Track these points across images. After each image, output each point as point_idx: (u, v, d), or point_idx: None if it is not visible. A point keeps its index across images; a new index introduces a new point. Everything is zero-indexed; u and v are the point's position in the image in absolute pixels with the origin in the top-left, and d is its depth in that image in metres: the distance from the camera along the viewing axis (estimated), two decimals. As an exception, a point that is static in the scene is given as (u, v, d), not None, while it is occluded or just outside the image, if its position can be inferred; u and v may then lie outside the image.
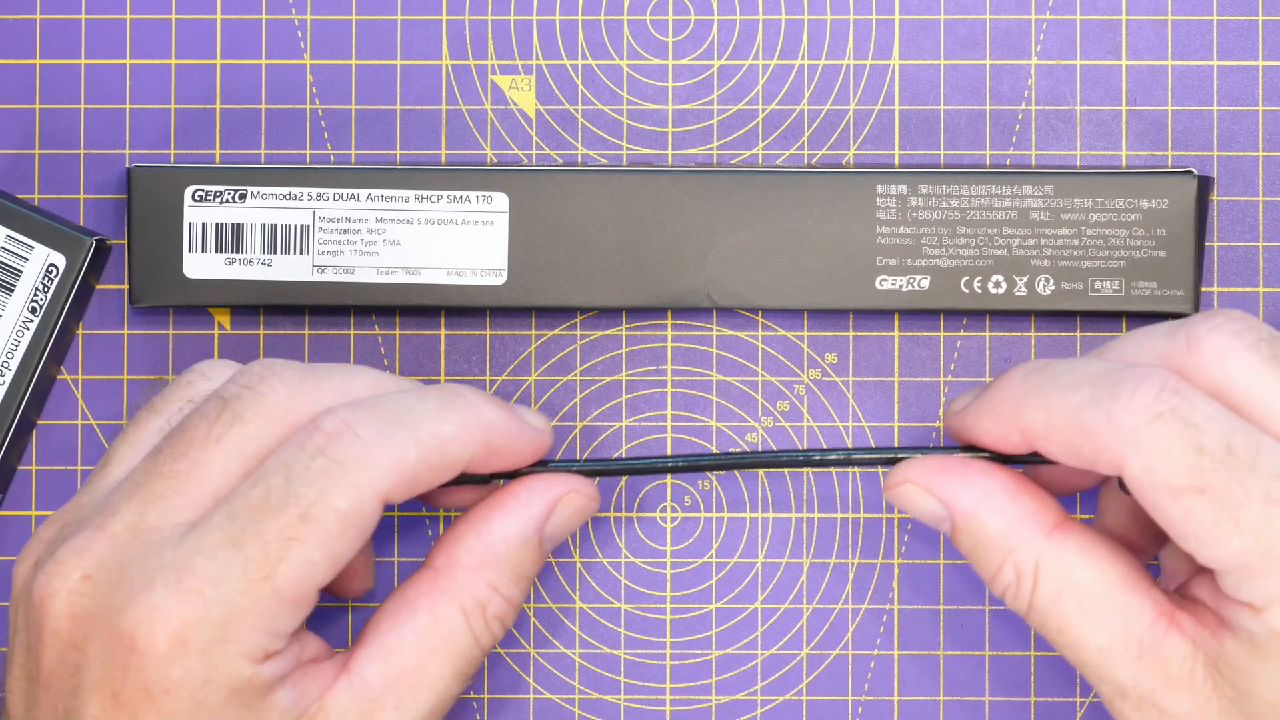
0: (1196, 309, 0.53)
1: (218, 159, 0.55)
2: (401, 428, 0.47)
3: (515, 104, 0.55)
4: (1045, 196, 0.53)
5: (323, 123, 0.55)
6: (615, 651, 0.55)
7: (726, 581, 0.55)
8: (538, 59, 0.55)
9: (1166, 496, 0.45)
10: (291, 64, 0.55)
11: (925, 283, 0.53)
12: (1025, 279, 0.53)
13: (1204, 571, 0.48)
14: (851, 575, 0.55)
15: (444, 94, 0.55)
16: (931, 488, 0.49)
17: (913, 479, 0.49)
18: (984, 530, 0.48)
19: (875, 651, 0.55)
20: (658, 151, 0.55)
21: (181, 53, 0.55)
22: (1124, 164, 0.55)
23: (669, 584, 0.55)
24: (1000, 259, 0.53)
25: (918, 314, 0.55)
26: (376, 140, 0.55)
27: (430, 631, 0.48)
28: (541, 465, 0.50)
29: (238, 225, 0.53)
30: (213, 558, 0.46)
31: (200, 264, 0.54)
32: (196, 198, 0.53)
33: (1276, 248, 0.55)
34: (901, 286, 0.53)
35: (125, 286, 0.55)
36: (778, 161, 0.55)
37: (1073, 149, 0.55)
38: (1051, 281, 0.53)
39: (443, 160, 0.55)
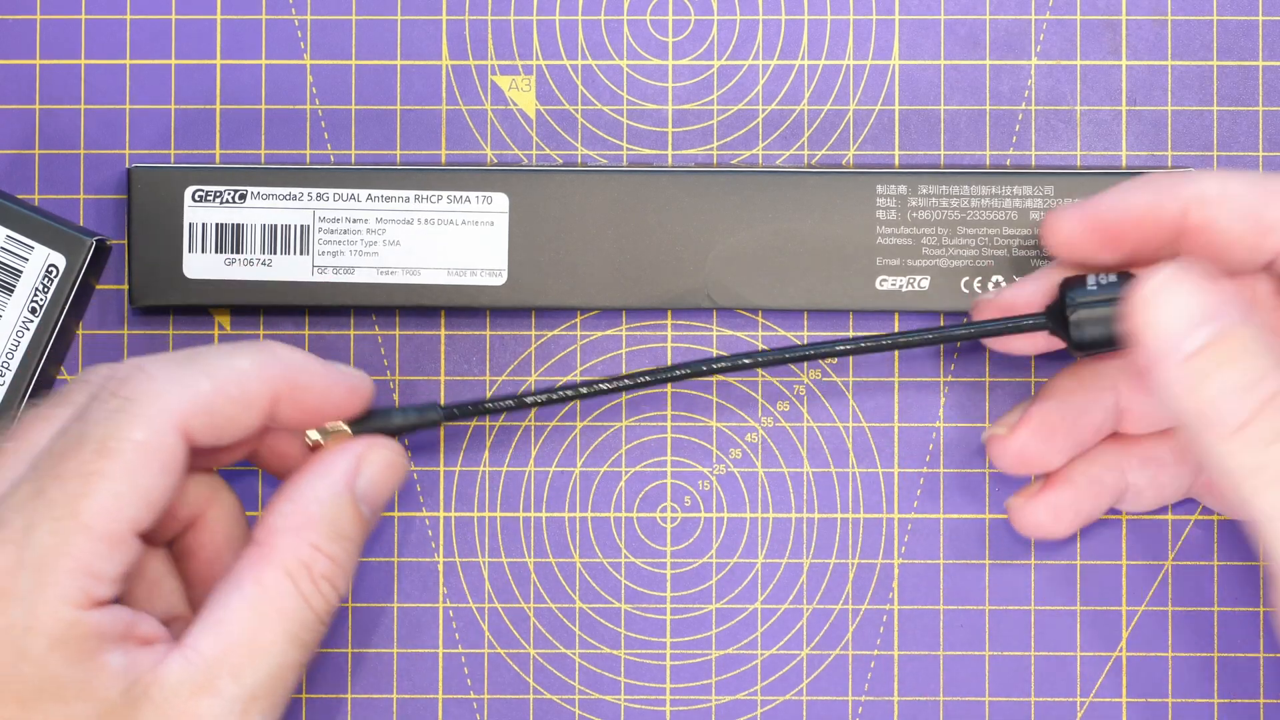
0: None
1: (218, 159, 0.55)
2: (193, 365, 0.48)
3: (515, 104, 0.55)
4: (1045, 197, 0.53)
5: (323, 123, 0.55)
6: (615, 651, 0.55)
7: (726, 581, 0.55)
8: (538, 59, 0.55)
9: None
10: (291, 64, 0.55)
11: (925, 283, 0.53)
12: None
13: None
14: (851, 575, 0.55)
15: (444, 94, 0.55)
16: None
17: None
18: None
19: (875, 651, 0.55)
20: (658, 151, 0.55)
21: (181, 53, 0.55)
22: (1124, 164, 0.55)
23: (669, 584, 0.55)
24: (1000, 259, 0.53)
25: (918, 314, 0.55)
26: (376, 140, 0.55)
27: (258, 598, 0.48)
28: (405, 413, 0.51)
29: (238, 225, 0.53)
30: (21, 509, 0.46)
31: (200, 264, 0.54)
32: (196, 198, 0.53)
33: (1276, 248, 0.55)
34: (901, 287, 0.53)
35: (125, 287, 0.55)
36: (777, 162, 0.55)
37: (1073, 149, 0.55)
38: None
39: (443, 160, 0.55)
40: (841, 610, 0.55)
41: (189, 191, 0.53)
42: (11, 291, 0.53)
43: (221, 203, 0.53)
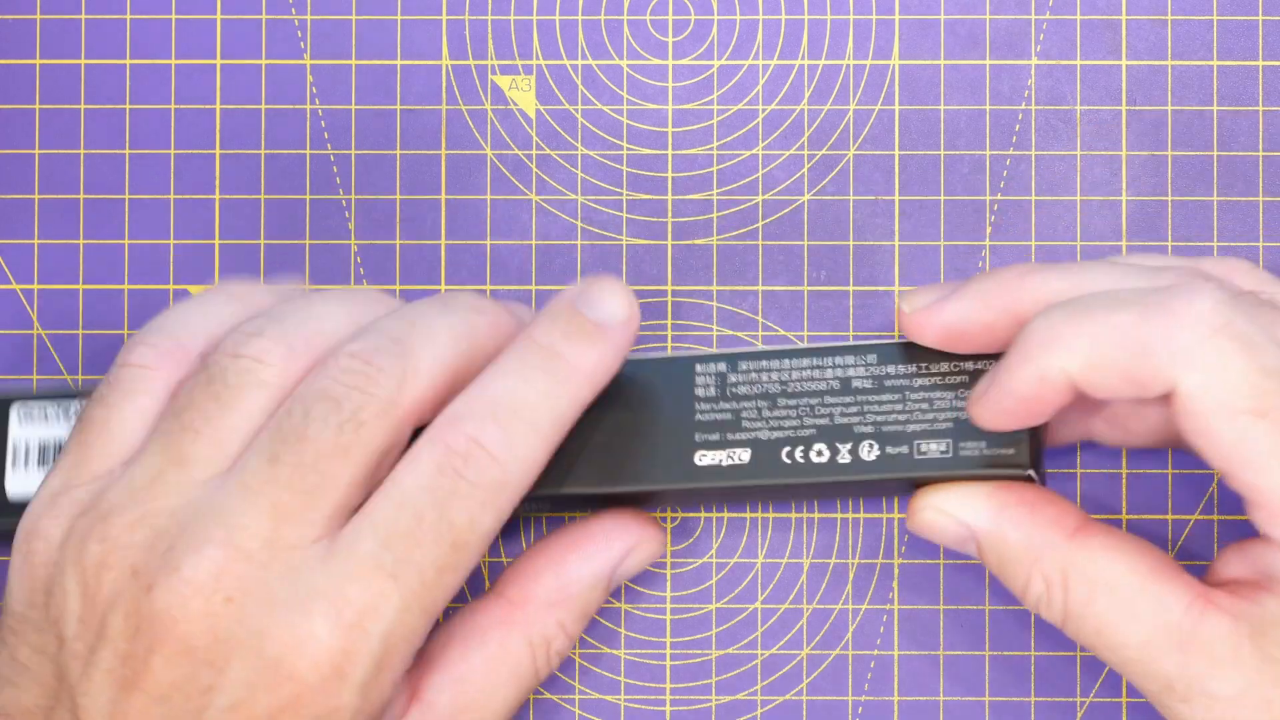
0: (1033, 465, 0.50)
1: (217, 159, 0.55)
2: (519, 422, 0.47)
3: (515, 104, 0.55)
4: (868, 365, 0.51)
5: (323, 123, 0.55)
6: (615, 651, 0.55)
7: (726, 581, 0.55)
8: (538, 59, 0.55)
9: (1223, 417, 0.44)
10: (291, 64, 0.55)
11: (745, 455, 0.53)
12: (849, 446, 0.51)
13: (1231, 548, 0.48)
14: (851, 575, 0.55)
15: (444, 94, 0.55)
16: (949, 510, 0.49)
17: (933, 504, 0.49)
18: (1005, 545, 0.48)
19: (875, 651, 0.55)
20: (658, 152, 0.55)
21: (181, 53, 0.55)
22: (1124, 164, 0.55)
23: (669, 584, 0.55)
24: (822, 428, 0.51)
25: (736, 489, 0.52)
26: (376, 140, 0.55)
27: (499, 662, 0.49)
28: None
29: None
30: (369, 587, 0.46)
31: None
32: None
33: (1276, 248, 0.55)
34: (721, 461, 0.52)
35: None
36: (773, 165, 0.55)
37: (1073, 149, 0.55)
38: (876, 447, 0.51)
39: (443, 161, 0.55)
40: (841, 610, 0.55)
41: None
42: None
43: None
